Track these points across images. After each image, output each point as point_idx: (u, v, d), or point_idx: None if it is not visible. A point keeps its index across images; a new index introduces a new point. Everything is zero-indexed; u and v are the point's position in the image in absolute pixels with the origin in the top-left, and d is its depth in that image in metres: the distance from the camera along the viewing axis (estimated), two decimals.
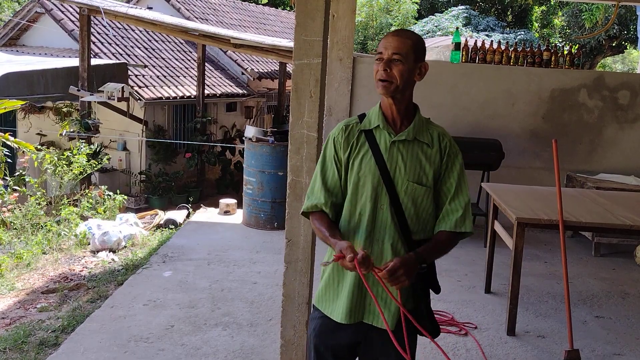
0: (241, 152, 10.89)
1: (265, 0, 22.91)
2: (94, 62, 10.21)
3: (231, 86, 13.44)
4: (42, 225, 6.22)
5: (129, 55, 12.11)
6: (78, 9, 10.04)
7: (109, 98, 9.71)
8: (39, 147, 7.43)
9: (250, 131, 6.40)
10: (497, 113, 6.21)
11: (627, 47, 18.02)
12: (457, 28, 7.67)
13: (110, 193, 7.34)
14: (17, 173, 7.03)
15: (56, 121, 11.35)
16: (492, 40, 6.77)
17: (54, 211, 6.82)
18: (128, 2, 13.32)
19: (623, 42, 17.45)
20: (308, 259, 2.81)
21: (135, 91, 10.78)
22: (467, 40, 7.02)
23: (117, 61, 11.17)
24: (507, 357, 3.48)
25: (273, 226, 6.06)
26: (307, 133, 2.74)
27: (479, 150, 5.52)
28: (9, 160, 6.45)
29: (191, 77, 12.67)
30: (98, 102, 10.25)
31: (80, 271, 5.18)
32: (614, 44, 17.43)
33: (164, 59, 12.98)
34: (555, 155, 3.41)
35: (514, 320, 3.74)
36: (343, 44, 5.87)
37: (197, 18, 14.22)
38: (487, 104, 6.20)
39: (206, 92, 12.11)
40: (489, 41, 6.79)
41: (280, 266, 3.03)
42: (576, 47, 13.27)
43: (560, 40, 18.32)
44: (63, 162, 7.29)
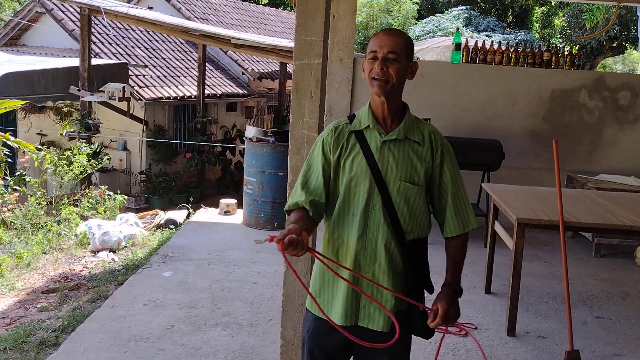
0: (241, 152, 10.89)
1: (265, 1, 22.92)
2: (95, 62, 10.22)
3: (231, 86, 13.44)
4: (42, 225, 6.23)
5: (129, 55, 12.11)
6: (78, 9, 10.05)
7: (110, 98, 9.73)
8: (39, 147, 7.42)
9: (250, 131, 6.41)
10: (498, 113, 6.21)
11: (628, 47, 18.00)
12: (457, 28, 7.67)
13: (111, 193, 7.35)
14: (18, 173, 7.02)
15: (56, 121, 11.35)
16: (492, 41, 6.77)
17: (54, 211, 6.83)
18: (128, 2, 13.33)
19: (623, 43, 17.44)
20: (308, 260, 2.80)
21: (136, 91, 10.78)
22: (467, 40, 7.02)
23: (118, 61, 11.18)
24: (507, 358, 3.48)
25: (273, 226, 6.06)
26: (308, 133, 2.74)
27: (479, 150, 5.52)
28: (10, 160, 6.45)
29: (191, 77, 12.67)
30: (98, 102, 10.27)
31: (81, 271, 5.18)
32: (614, 45, 17.43)
33: (164, 59, 12.98)
34: (555, 155, 3.41)
35: (514, 321, 3.74)
36: (343, 44, 5.87)
37: (198, 18, 14.23)
38: (487, 105, 6.20)
39: (206, 92, 12.12)
40: (489, 42, 6.79)
41: (280, 266, 3.03)
42: (577, 47, 13.28)
43: (561, 40, 18.32)
44: (63, 162, 7.30)
